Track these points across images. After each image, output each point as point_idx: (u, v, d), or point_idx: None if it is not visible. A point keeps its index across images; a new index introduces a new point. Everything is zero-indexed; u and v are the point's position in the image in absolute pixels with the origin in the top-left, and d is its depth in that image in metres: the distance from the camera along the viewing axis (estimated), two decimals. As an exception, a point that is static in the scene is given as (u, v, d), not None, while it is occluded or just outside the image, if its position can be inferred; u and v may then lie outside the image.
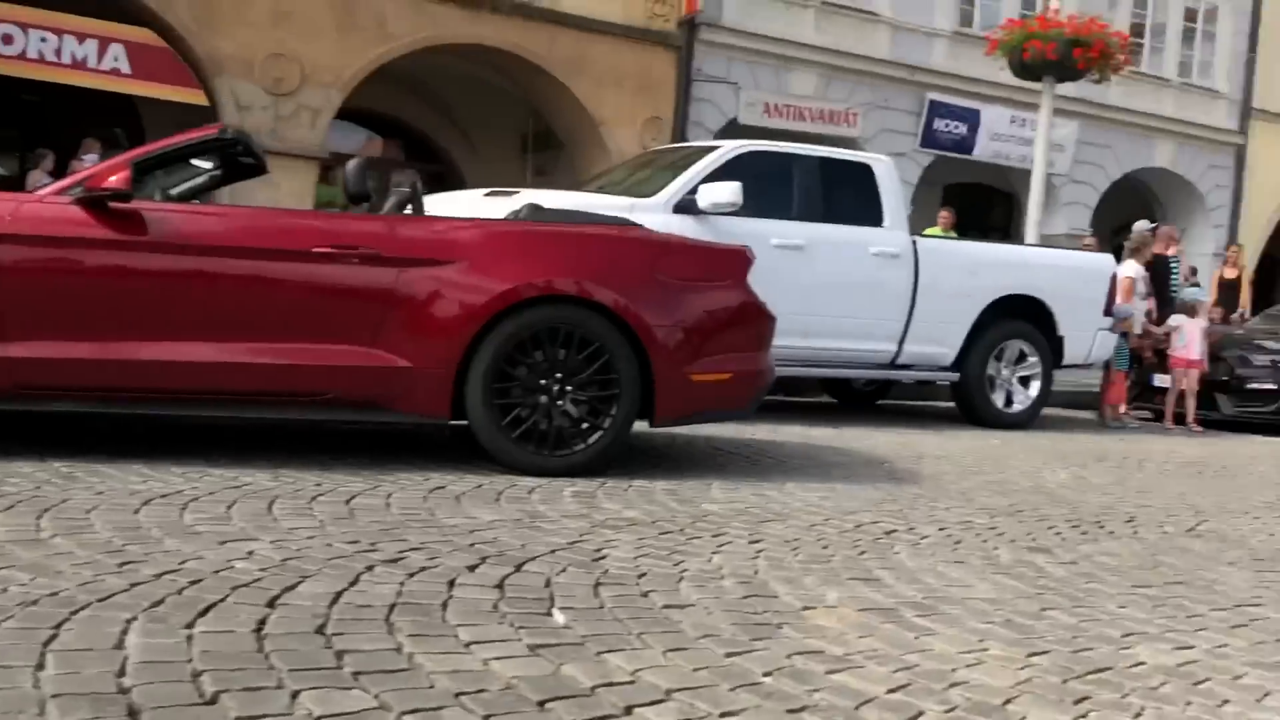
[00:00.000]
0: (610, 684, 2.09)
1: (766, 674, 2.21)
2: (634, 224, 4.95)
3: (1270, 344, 10.29)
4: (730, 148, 7.58)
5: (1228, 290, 15.10)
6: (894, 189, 7.98)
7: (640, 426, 4.62)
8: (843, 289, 7.61)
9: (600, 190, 7.85)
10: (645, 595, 2.72)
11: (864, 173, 7.92)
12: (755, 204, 7.33)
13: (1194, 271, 13.33)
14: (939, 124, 17.33)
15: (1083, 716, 2.12)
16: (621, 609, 2.58)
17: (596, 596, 2.67)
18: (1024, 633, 2.65)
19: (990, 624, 2.71)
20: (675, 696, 2.06)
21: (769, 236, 7.30)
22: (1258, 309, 15.23)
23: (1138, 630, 2.76)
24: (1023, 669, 2.37)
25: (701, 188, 6.95)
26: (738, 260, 4.82)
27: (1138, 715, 2.14)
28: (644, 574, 2.92)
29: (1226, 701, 2.27)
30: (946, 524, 4.02)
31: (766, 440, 6.22)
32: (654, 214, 6.70)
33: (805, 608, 2.72)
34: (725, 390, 4.72)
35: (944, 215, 13.90)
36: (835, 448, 6.15)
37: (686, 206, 6.92)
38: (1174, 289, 11.11)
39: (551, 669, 2.14)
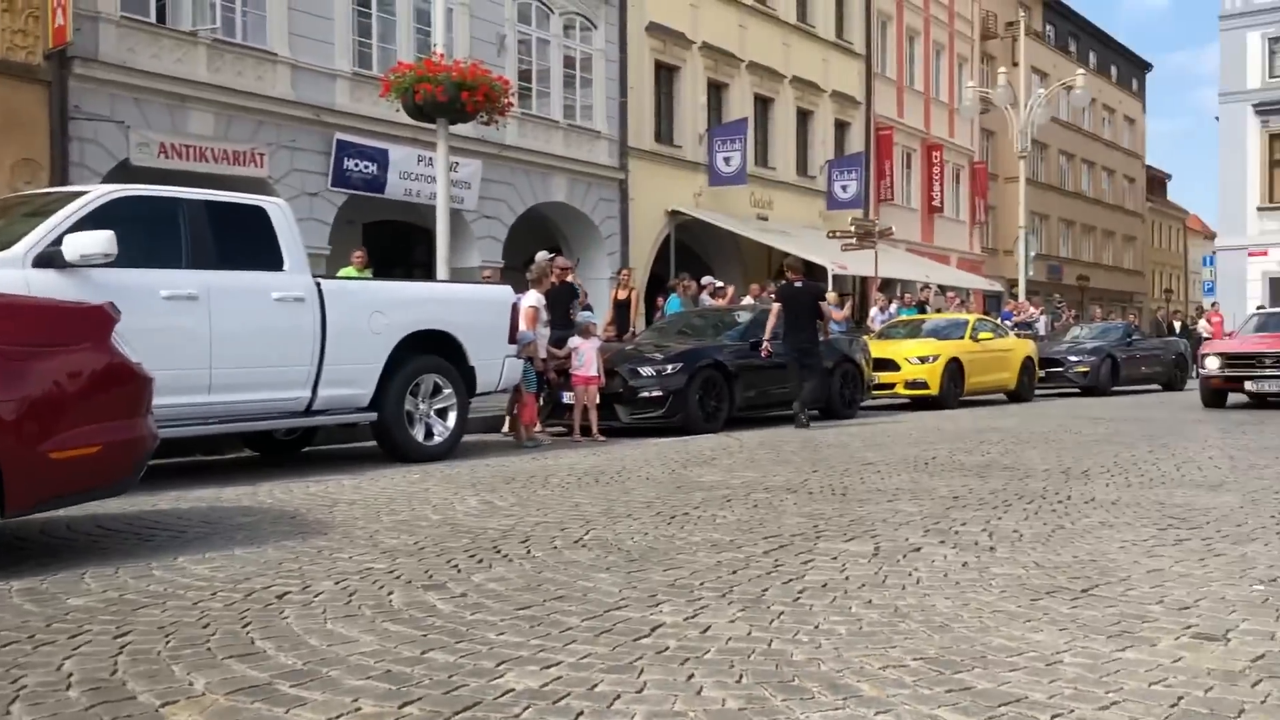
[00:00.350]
0: None
1: (100, 796, 1.95)
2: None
3: (657, 355, 11.53)
4: (100, 192, 6.91)
5: (621, 310, 16.77)
6: (291, 231, 7.78)
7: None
8: (246, 338, 7.27)
9: (-55, 246, 6.78)
10: (-38, 729, 2.31)
11: (258, 215, 7.63)
12: (138, 254, 6.78)
13: (585, 295, 14.61)
14: (349, 163, 17.36)
15: (443, 762, 2.11)
16: (-76, 754, 2.16)
17: (-106, 744, 2.22)
18: (400, 682, 2.63)
19: (368, 679, 2.65)
20: None
21: (158, 288, 6.78)
22: (649, 323, 17.13)
23: (512, 656, 2.85)
24: (391, 724, 2.33)
25: (67, 238, 6.23)
26: (96, 319, 4.36)
27: (498, 747, 2.19)
28: (-33, 702, 2.49)
29: (580, 715, 2.40)
30: (345, 575, 3.94)
31: (168, 510, 5.74)
32: (8, 269, 5.95)
33: (165, 704, 2.48)
34: (96, 465, 4.25)
35: (358, 255, 13.96)
36: (245, 508, 5.83)
37: (49, 259, 6.17)
38: (573, 312, 12.11)
39: None
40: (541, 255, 12.31)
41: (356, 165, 17.46)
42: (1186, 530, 4.74)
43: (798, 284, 12.19)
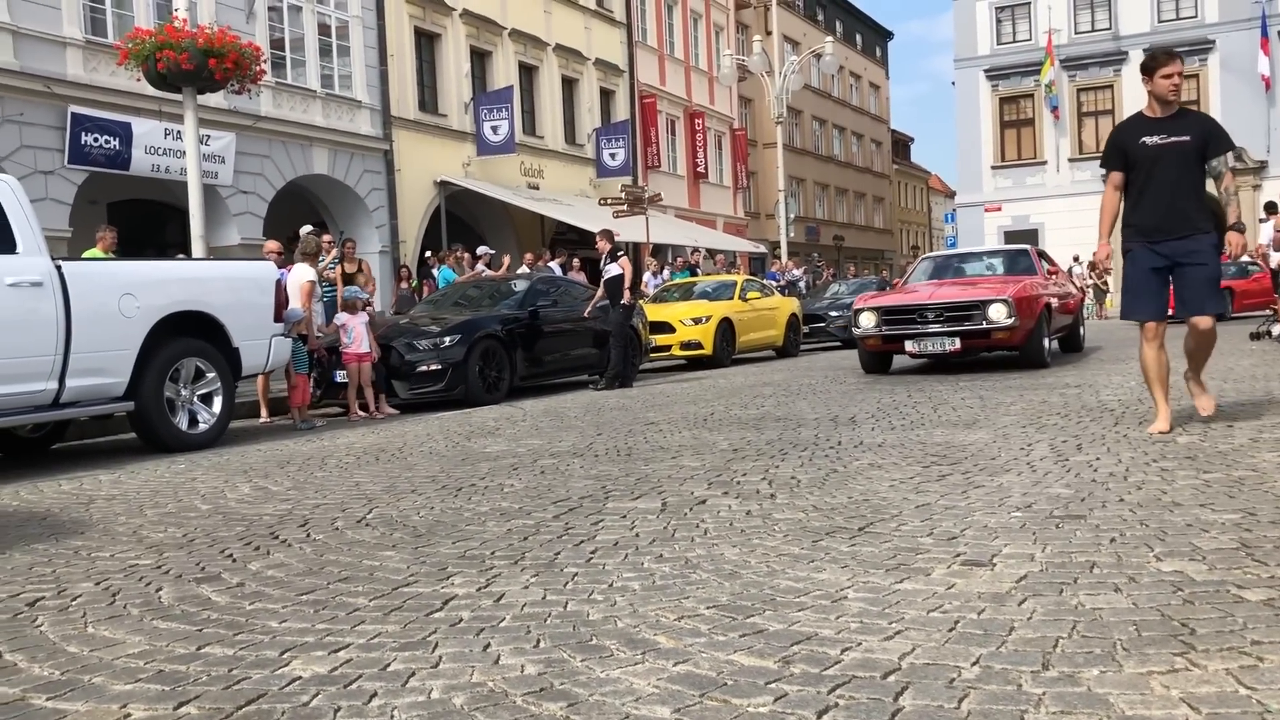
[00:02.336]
0: None
1: None
2: None
3: (433, 328, 11.28)
4: None
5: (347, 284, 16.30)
6: (23, 210, 7.15)
7: None
8: (-24, 328, 6.65)
9: None
10: None
11: (-17, 195, 6.97)
12: None
13: (367, 269, 14.15)
14: (87, 138, 16.08)
15: (228, 761, 1.98)
16: None
17: None
18: (175, 682, 2.45)
19: (137, 682, 2.46)
20: None
21: None
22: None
23: (297, 643, 2.72)
24: (167, 726, 2.17)
25: None
26: None
27: (287, 738, 2.07)
28: None
29: (374, 696, 2.30)
30: (107, 575, 3.65)
31: (-108, 521, 5.17)
32: None
33: (-101, 732, 2.21)
34: None
35: (104, 235, 12.89)
36: (-14, 512, 5.32)
37: None
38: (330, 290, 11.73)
39: None
40: (306, 229, 11.84)
41: (96, 140, 16.20)
42: (948, 466, 5.04)
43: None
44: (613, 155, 28.88)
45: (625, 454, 6.21)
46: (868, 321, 11.16)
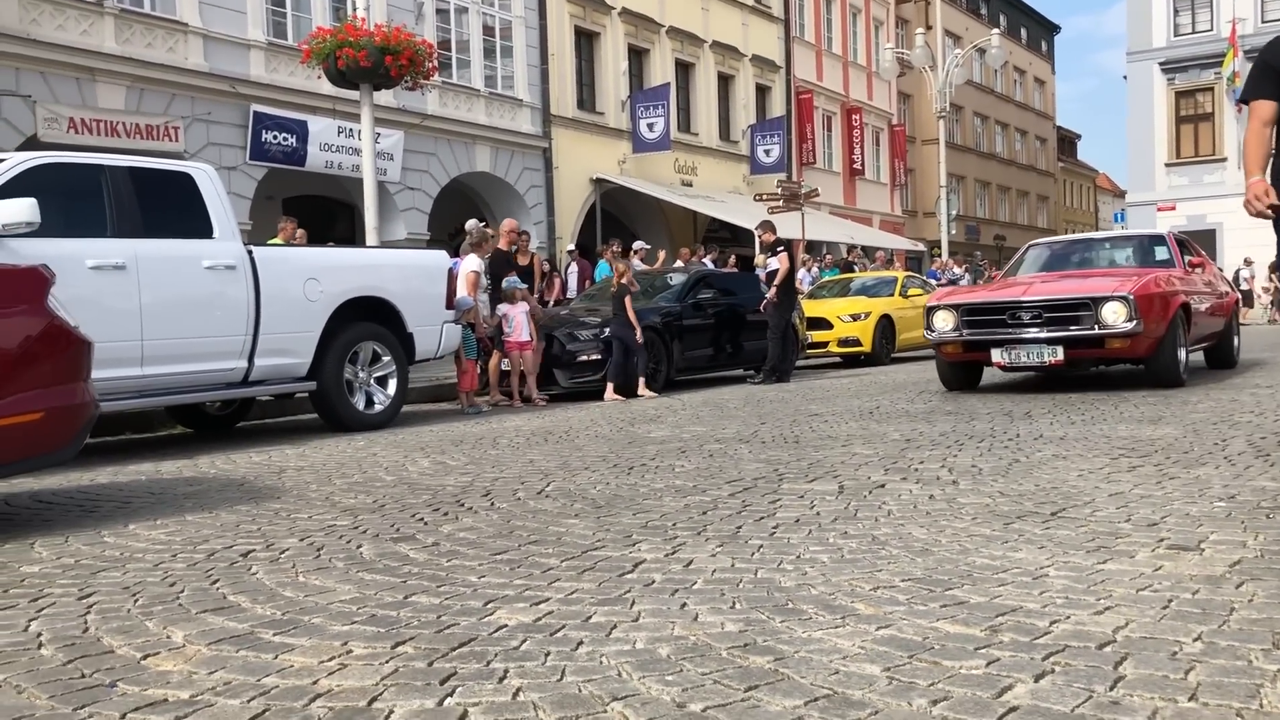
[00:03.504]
0: None
1: (94, 744, 1.86)
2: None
3: (591, 319, 11.46)
4: (19, 160, 6.63)
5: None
6: (219, 197, 7.55)
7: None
8: (177, 308, 7.06)
9: None
10: (-69, 691, 2.19)
11: (184, 182, 7.39)
12: (61, 223, 6.54)
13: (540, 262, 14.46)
14: (267, 136, 16.91)
15: (450, 694, 2.06)
16: (-105, 716, 2.04)
17: None
18: (388, 625, 2.56)
19: (354, 624, 2.58)
20: (-33, 805, 1.64)
21: (83, 258, 6.57)
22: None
23: (499, 595, 2.80)
24: (388, 662, 2.26)
25: (-14, 207, 5.97)
26: (32, 281, 4.17)
27: (502, 679, 2.14)
28: (-68, 665, 2.37)
29: (580, 643, 2.35)
30: (309, 533, 3.84)
31: (107, 484, 5.55)
32: (-75, 241, 5.66)
33: (146, 656, 2.38)
34: (38, 432, 4.08)
35: (285, 226, 13.51)
36: (188, 478, 5.66)
37: (-32, 230, 5.91)
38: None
39: None
40: (473, 222, 12.15)
41: (275, 138, 17.03)
42: (1137, 459, 4.84)
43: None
44: (767, 152, 28.73)
45: (793, 441, 6.17)
46: (944, 323, 8.86)
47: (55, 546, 3.76)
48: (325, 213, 20.49)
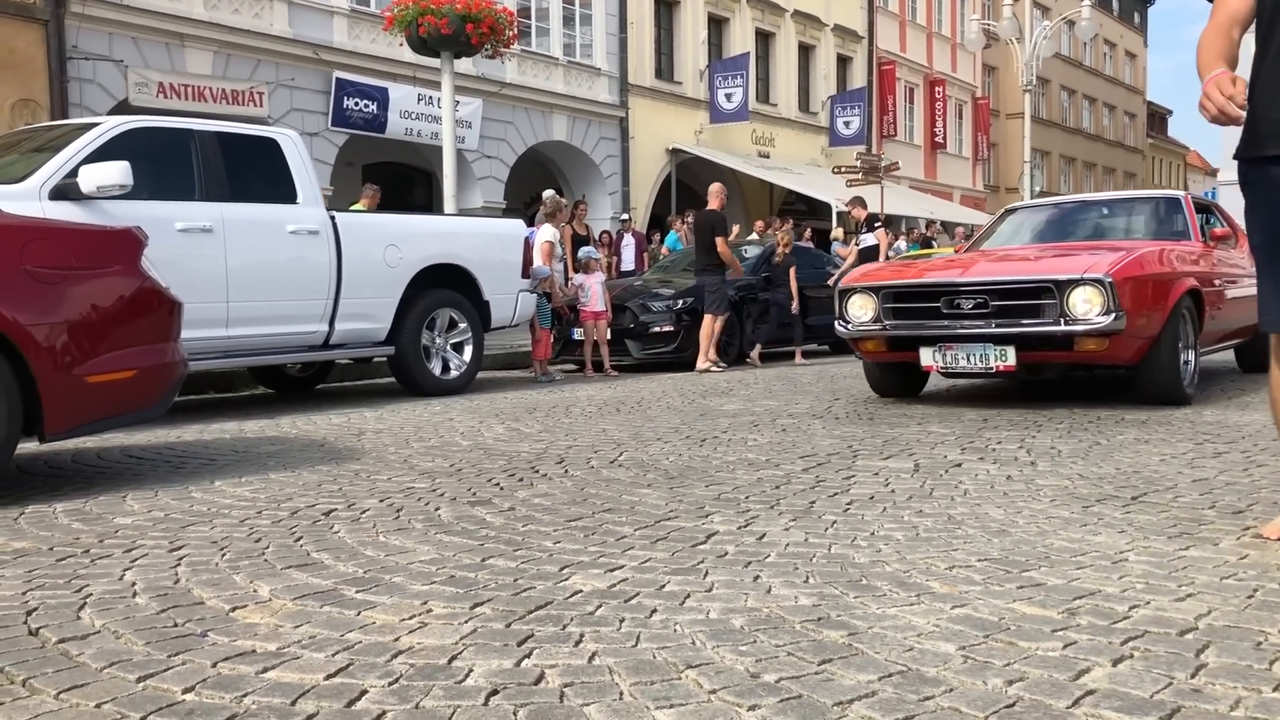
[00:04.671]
0: (-19, 749, 1.70)
1: (188, 690, 1.94)
2: (-10, 209, 4.23)
3: (665, 291, 11.47)
4: (114, 123, 6.80)
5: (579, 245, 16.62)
6: (304, 163, 7.68)
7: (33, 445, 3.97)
8: (262, 271, 7.21)
9: (-46, 180, 6.68)
10: (34, 633, 2.29)
11: (270, 147, 7.53)
12: (152, 186, 6.71)
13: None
14: (348, 102, 17.14)
15: (527, 655, 2.10)
16: (1, 656, 2.14)
17: (-32, 648, 2.20)
18: (467, 586, 2.61)
19: (433, 584, 2.64)
20: (71, 743, 1.72)
21: (172, 220, 6.72)
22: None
23: (573, 561, 2.84)
24: (467, 622, 2.32)
25: (83, 169, 6.15)
26: (126, 242, 4.30)
27: (578, 642, 2.17)
28: (34, 609, 2.47)
29: (655, 611, 2.38)
30: (388, 494, 3.92)
31: (193, 441, 5.71)
32: (25, 202, 5.86)
33: (234, 608, 2.46)
34: (130, 390, 4.21)
35: (369, 193, 13.66)
36: (270, 438, 5.80)
37: (65, 191, 6.10)
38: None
39: (-103, 750, 1.70)
40: (550, 192, 12.20)
41: (356, 104, 17.24)
42: (1223, 445, 4.73)
43: None
44: (847, 124, 28.37)
45: (868, 418, 6.13)
46: (861, 312, 6.65)
47: (146, 500, 3.90)
48: (403, 180, 20.73)
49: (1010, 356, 6.17)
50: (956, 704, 1.81)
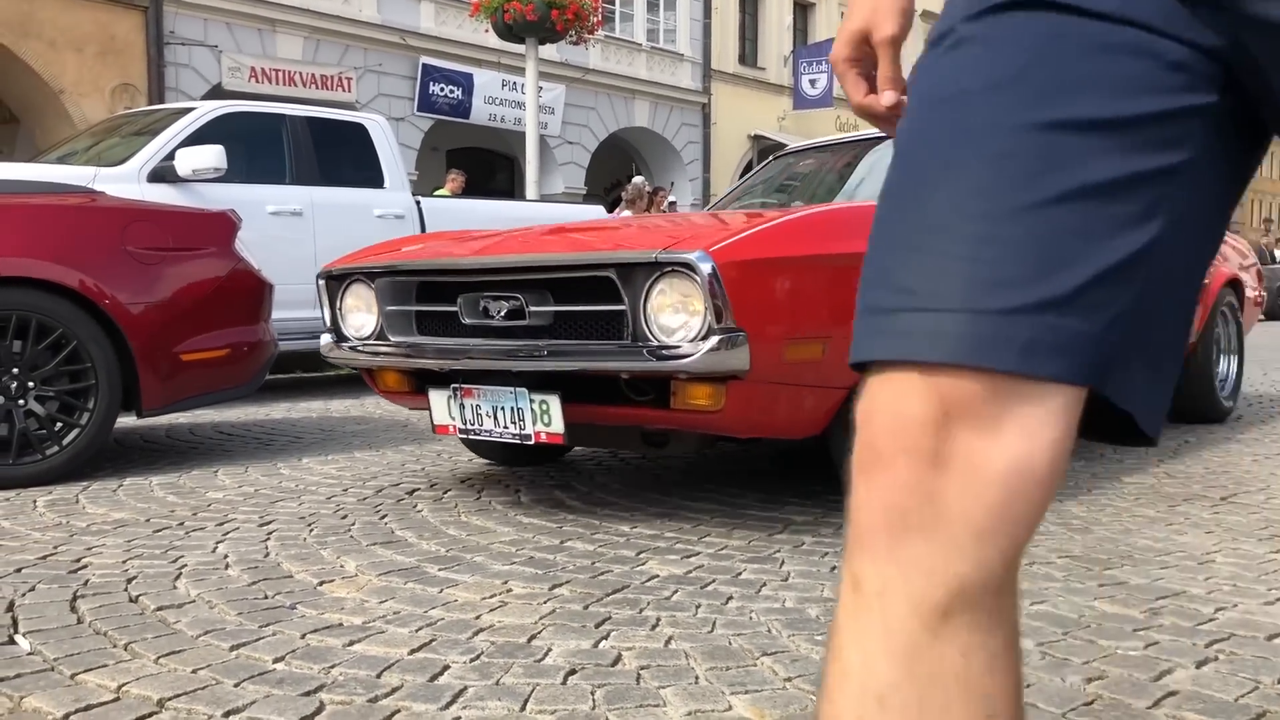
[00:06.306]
0: (87, 708, 1.79)
1: (278, 660, 2.01)
2: (93, 191, 4.39)
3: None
4: (209, 108, 7.01)
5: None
6: (391, 149, 7.82)
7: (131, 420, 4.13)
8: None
9: (60, 161, 6.94)
10: (134, 600, 2.39)
11: (358, 133, 7.69)
12: (244, 169, 6.89)
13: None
14: (434, 88, 17.37)
15: (604, 637, 2.14)
16: (104, 620, 2.24)
17: (74, 611, 2.30)
18: (545, 568, 2.66)
19: (513, 565, 2.69)
20: (170, 705, 1.80)
21: (264, 203, 6.89)
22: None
23: (651, 546, 2.87)
24: (546, 602, 2.36)
25: (180, 153, 6.35)
26: (221, 225, 4.43)
27: (654, 626, 2.20)
28: (134, 577, 2.58)
29: (730, 599, 2.40)
30: (470, 476, 3.99)
31: (281, 419, 5.87)
32: (125, 184, 6.06)
33: (322, 583, 2.54)
34: (222, 368, 4.34)
35: (454, 178, 13.83)
36: (356, 417, 5.93)
37: (163, 174, 6.31)
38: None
39: (9, 705, 1.80)
40: (639, 179, 12.26)
41: (442, 90, 17.47)
42: (1319, 445, 4.60)
43: None
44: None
45: (947, 409, 6.06)
46: (357, 319, 3.63)
47: (236, 475, 4.02)
48: (486, 165, 20.95)
49: (553, 415, 3.05)
50: (1034, 699, 1.80)
